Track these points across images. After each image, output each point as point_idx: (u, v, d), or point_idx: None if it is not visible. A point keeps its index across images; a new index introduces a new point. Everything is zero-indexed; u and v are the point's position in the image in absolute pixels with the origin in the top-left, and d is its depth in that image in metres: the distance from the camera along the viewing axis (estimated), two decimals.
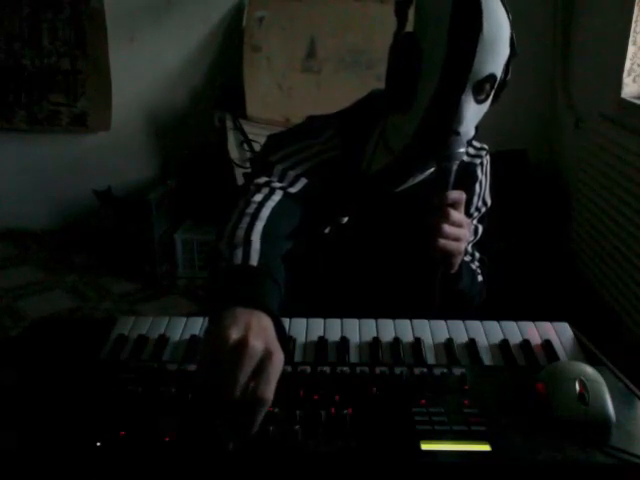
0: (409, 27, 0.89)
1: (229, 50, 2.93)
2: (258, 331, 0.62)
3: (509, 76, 0.91)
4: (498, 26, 0.84)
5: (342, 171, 0.98)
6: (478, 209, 1.11)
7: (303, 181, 0.94)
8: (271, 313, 0.67)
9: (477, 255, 1.13)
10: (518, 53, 0.89)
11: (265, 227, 0.82)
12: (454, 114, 0.86)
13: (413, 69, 0.87)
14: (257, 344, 0.61)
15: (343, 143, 0.98)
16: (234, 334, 0.61)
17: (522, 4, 2.46)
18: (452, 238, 0.87)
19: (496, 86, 0.89)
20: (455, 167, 0.88)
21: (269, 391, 0.60)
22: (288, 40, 2.71)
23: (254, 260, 0.74)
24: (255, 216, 0.83)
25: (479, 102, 0.88)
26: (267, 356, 0.61)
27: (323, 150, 0.98)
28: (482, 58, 0.83)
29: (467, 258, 1.09)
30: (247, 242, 0.77)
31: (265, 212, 0.85)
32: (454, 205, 0.87)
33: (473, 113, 0.88)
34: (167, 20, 2.93)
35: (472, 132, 0.92)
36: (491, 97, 0.90)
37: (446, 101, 0.86)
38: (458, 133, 0.87)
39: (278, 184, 0.92)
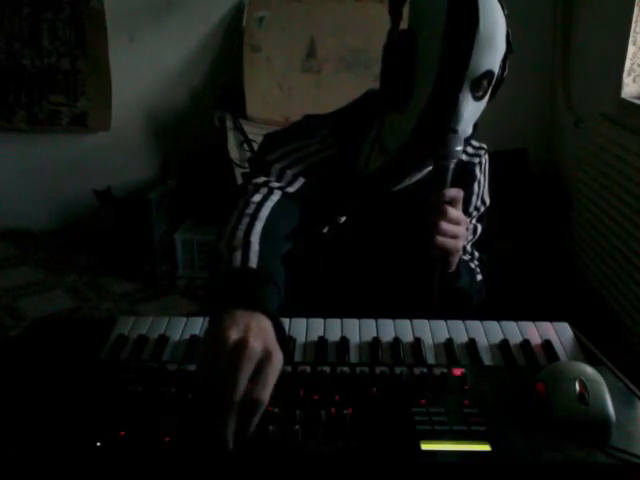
0: (403, 25, 0.89)
1: (229, 50, 2.93)
2: (257, 332, 0.62)
3: (506, 72, 0.91)
4: (494, 22, 0.83)
5: (339, 170, 0.98)
6: (477, 208, 1.11)
7: (301, 180, 0.94)
8: (270, 314, 0.67)
9: (476, 254, 1.13)
10: (514, 49, 0.89)
11: (264, 228, 0.82)
12: (452, 112, 0.86)
13: (409, 67, 0.87)
14: (256, 345, 0.61)
15: (339, 142, 0.98)
16: (234, 335, 0.61)
17: (522, 4, 2.47)
18: (450, 236, 0.87)
19: (493, 82, 0.89)
20: (453, 166, 0.88)
21: (265, 393, 0.60)
22: (288, 40, 2.71)
23: (253, 262, 0.74)
24: (254, 217, 0.83)
25: (477, 99, 0.88)
26: (266, 357, 0.61)
27: (320, 149, 0.97)
28: (479, 55, 0.83)
29: (466, 257, 1.09)
30: (246, 243, 0.77)
31: (264, 212, 0.85)
32: (452, 203, 0.87)
33: (471, 111, 0.88)
34: (167, 20, 2.93)
35: (470, 130, 0.92)
36: (488, 94, 0.90)
37: (443, 100, 0.86)
38: (456, 131, 0.87)
39: (276, 184, 0.92)
